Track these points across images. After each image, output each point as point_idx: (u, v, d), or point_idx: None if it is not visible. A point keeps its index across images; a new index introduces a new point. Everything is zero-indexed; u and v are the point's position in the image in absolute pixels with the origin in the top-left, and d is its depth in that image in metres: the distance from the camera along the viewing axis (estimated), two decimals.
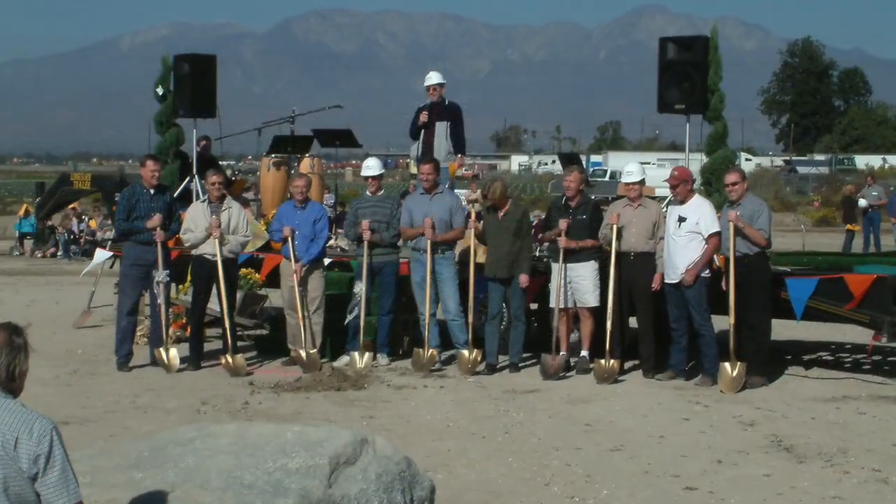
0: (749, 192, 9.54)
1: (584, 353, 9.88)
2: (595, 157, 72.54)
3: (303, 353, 9.88)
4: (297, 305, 9.97)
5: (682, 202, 9.45)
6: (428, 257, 9.97)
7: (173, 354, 9.94)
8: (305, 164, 12.69)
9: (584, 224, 9.72)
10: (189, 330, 10.67)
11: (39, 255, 25.81)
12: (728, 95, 11.93)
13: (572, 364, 9.94)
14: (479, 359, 9.91)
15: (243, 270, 11.04)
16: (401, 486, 4.59)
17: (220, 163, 15.06)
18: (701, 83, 11.53)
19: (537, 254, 10.67)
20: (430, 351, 9.96)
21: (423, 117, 11.70)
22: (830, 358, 11.00)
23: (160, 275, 9.87)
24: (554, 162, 71.81)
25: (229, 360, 9.80)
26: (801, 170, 65.18)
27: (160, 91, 13.62)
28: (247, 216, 10.62)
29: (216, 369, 9.94)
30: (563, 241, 9.63)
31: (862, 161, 68.81)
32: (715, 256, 9.45)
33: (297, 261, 9.99)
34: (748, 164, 63.99)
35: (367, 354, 10.06)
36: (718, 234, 9.24)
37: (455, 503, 5.97)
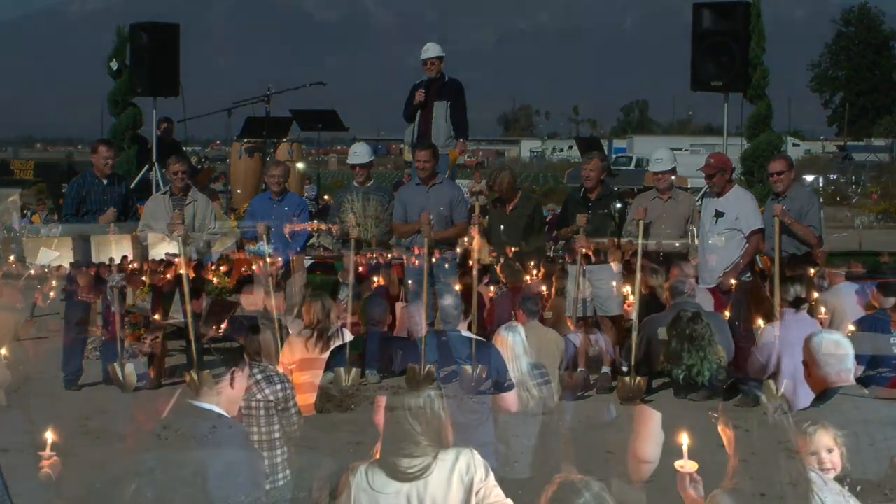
0: (797, 183, 9.57)
1: (605, 368, 9.90)
2: (618, 143, 72.67)
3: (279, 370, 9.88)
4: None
5: (720, 194, 9.46)
6: (425, 258, 9.98)
7: (130, 371, 9.95)
8: (283, 151, 12.72)
9: (606, 219, 9.73)
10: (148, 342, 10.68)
11: None
12: (773, 70, 11.96)
13: (592, 381, 9.95)
14: (483, 375, 9.91)
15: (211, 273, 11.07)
16: None
17: (184, 149, 15.07)
18: (741, 56, 11.56)
19: (551, 254, 10.68)
20: (427, 367, 9.97)
21: (420, 96, 11.72)
22: (892, 374, 10.99)
23: (114, 278, 9.88)
24: (571, 148, 71.91)
25: (195, 377, 9.79)
26: (857, 157, 65.24)
27: (115, 65, 13.65)
28: (215, 210, 10.64)
29: (179, 388, 9.94)
30: (580, 242, 9.63)
31: None
32: (757, 257, 9.46)
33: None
34: (796, 149, 64.07)
35: (353, 370, 10.08)
36: (761, 231, 9.25)
37: None
